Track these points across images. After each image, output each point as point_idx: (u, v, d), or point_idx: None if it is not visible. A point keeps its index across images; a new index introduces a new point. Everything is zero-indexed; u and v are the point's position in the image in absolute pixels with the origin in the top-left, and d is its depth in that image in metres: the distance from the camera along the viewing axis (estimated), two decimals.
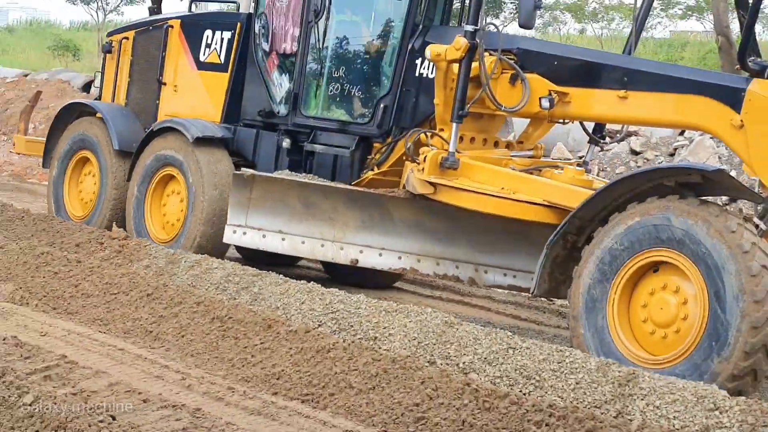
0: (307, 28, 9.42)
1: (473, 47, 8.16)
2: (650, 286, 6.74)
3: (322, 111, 9.50)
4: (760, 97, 7.02)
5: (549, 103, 8.20)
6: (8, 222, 10.59)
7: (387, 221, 8.80)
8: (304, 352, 6.51)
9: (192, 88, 10.34)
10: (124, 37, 11.16)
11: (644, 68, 8.00)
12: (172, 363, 6.41)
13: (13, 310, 7.42)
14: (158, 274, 8.70)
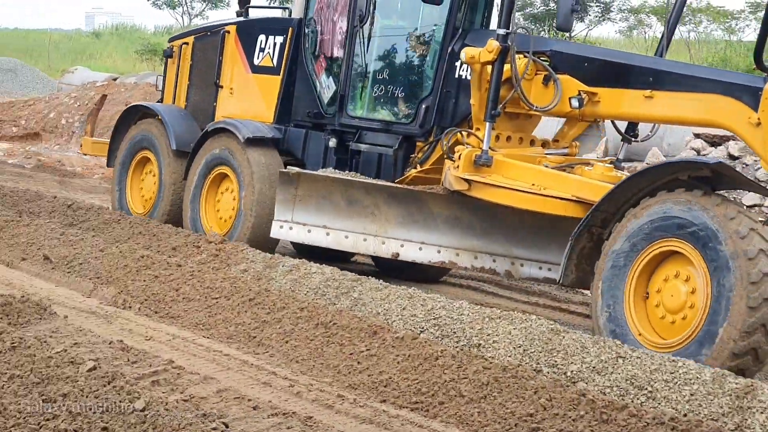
0: (353, 32, 9.78)
1: (505, 50, 8.48)
2: (664, 274, 7.15)
3: (367, 111, 9.88)
4: None
5: (578, 103, 8.50)
6: (105, 225, 10.63)
7: (426, 217, 9.12)
8: (412, 359, 6.39)
9: (247, 90, 10.75)
10: (184, 43, 11.59)
11: (668, 69, 8.31)
12: (279, 369, 6.33)
13: (116, 314, 7.42)
14: (257, 279, 8.65)
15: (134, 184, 11.51)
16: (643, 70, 8.37)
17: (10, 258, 9.09)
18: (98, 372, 5.44)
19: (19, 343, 5.80)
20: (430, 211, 9.17)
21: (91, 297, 7.98)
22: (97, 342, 6.38)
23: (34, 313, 6.88)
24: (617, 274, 7.33)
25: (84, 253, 9.16)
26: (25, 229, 10.04)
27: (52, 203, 11.55)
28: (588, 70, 8.64)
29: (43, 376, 5.40)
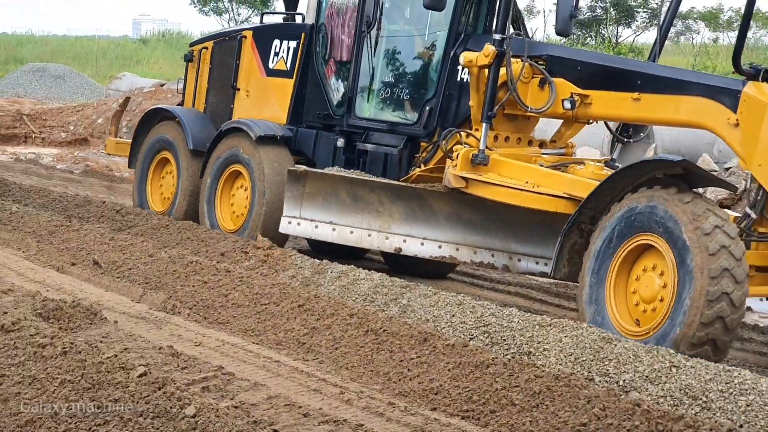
0: (361, 37, 10.25)
1: (501, 54, 8.95)
2: (643, 265, 7.53)
3: (374, 113, 10.35)
4: (753, 98, 7.67)
5: (571, 105, 8.94)
6: (154, 230, 10.66)
7: (428, 213, 9.55)
8: (463, 366, 6.33)
9: (262, 92, 11.26)
10: (204, 47, 12.07)
11: (654, 72, 8.67)
12: (329, 376, 6.29)
13: (166, 319, 7.41)
14: (305, 285, 8.63)
15: (154, 183, 11.96)
16: (631, 74, 8.75)
17: (60, 263, 9.12)
18: (149, 378, 5.43)
19: (70, 348, 5.81)
20: (432, 208, 9.56)
21: (140, 302, 7.98)
22: (147, 347, 6.37)
23: (84, 318, 6.88)
24: (601, 266, 7.70)
25: (133, 258, 9.19)
26: (74, 234, 10.10)
27: (101, 208, 11.60)
28: (581, 74, 9.04)
29: (94, 382, 5.40)
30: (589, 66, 9.12)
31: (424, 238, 9.53)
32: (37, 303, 7.01)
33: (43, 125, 24.51)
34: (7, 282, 7.83)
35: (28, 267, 8.88)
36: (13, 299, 7.14)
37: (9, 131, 24.20)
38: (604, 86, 8.90)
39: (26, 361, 5.76)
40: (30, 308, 6.87)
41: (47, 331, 6.15)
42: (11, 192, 12.97)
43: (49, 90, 33.25)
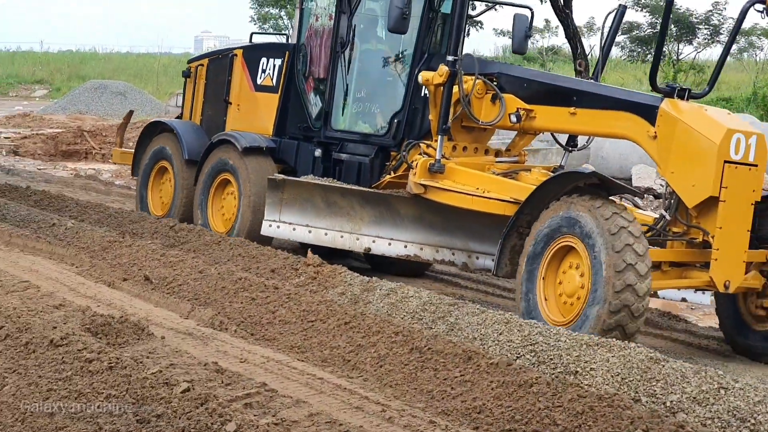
0: (336, 56, 11.20)
1: (453, 74, 9.92)
2: (568, 263, 8.40)
3: (348, 125, 11.30)
4: (668, 114, 8.59)
5: (516, 118, 9.86)
6: (205, 246, 10.74)
7: (395, 216, 10.45)
8: (506, 385, 6.30)
9: (251, 106, 12.21)
10: (200, 64, 13.13)
11: (588, 89, 9.61)
12: (372, 394, 6.29)
13: (212, 336, 7.46)
14: (354, 302, 8.65)
15: (155, 190, 12.97)
16: (568, 91, 9.66)
17: (112, 278, 9.22)
18: (192, 393, 5.47)
19: (116, 363, 5.88)
20: (398, 211, 10.47)
21: (188, 318, 8.03)
22: (192, 363, 6.41)
23: (132, 334, 6.95)
24: (533, 264, 8.54)
25: (183, 274, 9.27)
26: (127, 249, 10.21)
27: (155, 224, 11.72)
28: (527, 90, 9.95)
29: (138, 397, 5.46)
30: (534, 83, 10.02)
31: (391, 238, 10.44)
32: (86, 318, 7.10)
33: (104, 141, 24.81)
34: (59, 297, 7.93)
35: (80, 282, 8.99)
36: (63, 314, 7.24)
37: (70, 147, 24.55)
38: (547, 102, 9.80)
39: (73, 375, 5.84)
40: (79, 323, 6.96)
41: (95, 346, 6.23)
42: (68, 208, 13.16)
43: (110, 107, 33.67)
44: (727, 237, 8.30)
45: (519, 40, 11.25)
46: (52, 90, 50.52)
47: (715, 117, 8.56)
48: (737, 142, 8.27)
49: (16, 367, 6.07)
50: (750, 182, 8.38)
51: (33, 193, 14.51)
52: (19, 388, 5.76)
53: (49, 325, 6.65)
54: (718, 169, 8.21)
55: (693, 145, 8.40)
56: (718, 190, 8.23)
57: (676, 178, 8.51)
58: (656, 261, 8.37)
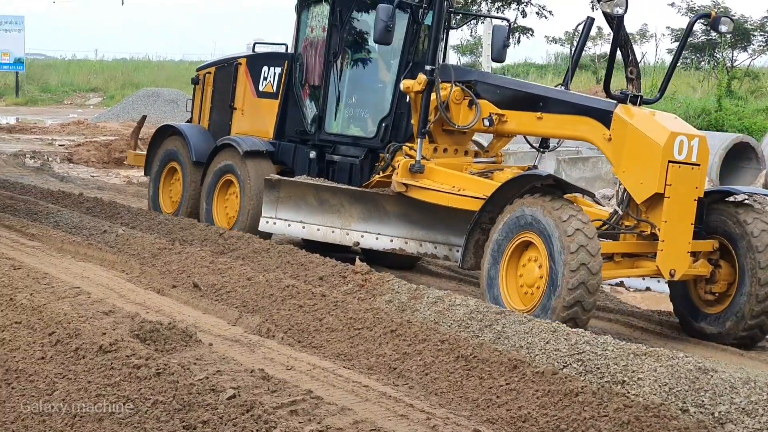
0: (329, 65, 12.00)
1: (431, 82, 10.78)
2: (528, 257, 9.10)
3: (340, 129, 12.12)
4: (621, 118, 9.39)
5: (489, 122, 10.66)
6: (254, 254, 10.80)
7: (381, 213, 11.19)
8: (551, 394, 6.29)
9: (254, 111, 13.03)
10: (207, 72, 14.01)
11: (553, 96, 10.34)
12: (417, 402, 6.30)
13: (259, 343, 7.51)
14: (401, 310, 8.67)
15: (165, 189, 13.90)
16: (536, 97, 10.44)
17: (161, 285, 9.31)
18: (237, 400, 5.51)
19: (164, 369, 5.93)
20: (384, 208, 11.19)
21: (236, 325, 8.09)
22: (239, 370, 6.45)
23: (180, 340, 7.01)
24: (496, 257, 9.27)
25: (232, 281, 9.34)
26: (176, 256, 10.30)
27: (205, 231, 11.81)
28: (500, 96, 10.76)
29: (185, 403, 5.51)
30: (506, 90, 10.82)
31: (379, 233, 11.20)
32: (135, 324, 7.17)
33: None
34: (108, 303, 8.02)
35: (130, 289, 9.08)
36: (113, 320, 7.32)
37: (123, 155, 24.77)
38: (517, 107, 10.59)
39: (121, 381, 5.90)
40: (128, 330, 7.03)
41: (143, 352, 6.28)
42: (120, 215, 13.30)
43: (162, 114, 33.95)
44: (672, 230, 9.10)
45: (498, 50, 12.22)
46: (105, 98, 51.10)
47: (661, 121, 9.33)
48: (680, 144, 9.07)
49: (66, 373, 6.15)
50: (693, 180, 9.16)
51: (86, 200, 14.69)
52: (69, 393, 5.83)
53: (98, 331, 6.73)
54: (662, 168, 9.02)
55: (641, 147, 9.20)
56: (663, 187, 9.04)
57: (626, 177, 9.33)
58: (610, 252, 9.24)
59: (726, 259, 9.51)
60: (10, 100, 50.94)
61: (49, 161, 24.02)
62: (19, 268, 9.03)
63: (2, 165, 22.72)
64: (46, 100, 50.75)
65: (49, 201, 14.65)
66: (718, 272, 9.52)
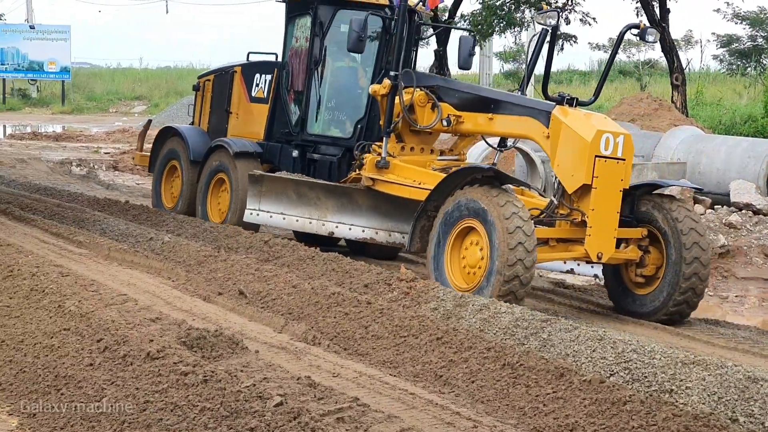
0: (310, 72, 13.07)
1: (395, 86, 11.91)
2: (470, 241, 10.01)
3: (320, 130, 13.22)
4: (557, 118, 10.32)
5: (447, 123, 11.70)
6: (299, 261, 10.83)
7: (353, 205, 12.15)
8: (599, 403, 6.25)
9: (247, 115, 14.15)
10: (207, 79, 15.20)
11: (502, 98, 11.41)
12: (463, 409, 6.28)
13: (306, 350, 7.52)
14: (446, 317, 8.65)
15: (166, 185, 15.08)
16: (488, 100, 11.44)
17: (207, 292, 9.35)
18: (284, 407, 5.52)
19: (211, 376, 5.96)
20: (357, 201, 12.14)
21: (282, 332, 8.11)
22: (285, 377, 6.46)
23: (226, 347, 7.03)
24: (441, 242, 10.19)
25: (277, 288, 9.36)
26: (222, 264, 10.34)
27: (250, 239, 11.85)
28: (458, 99, 11.79)
29: (232, 410, 5.53)
30: (464, 94, 11.86)
31: (352, 224, 12.14)
32: (182, 332, 7.20)
33: None
34: (155, 310, 8.06)
35: (177, 296, 9.13)
36: (160, 327, 7.35)
37: None
38: (472, 109, 11.59)
39: (169, 388, 5.93)
40: (175, 337, 7.06)
41: (190, 359, 6.32)
42: (165, 222, 13.38)
43: None
44: (599, 217, 10.02)
45: (464, 58, 13.12)
46: (150, 106, 51.49)
47: (591, 121, 10.24)
48: (606, 141, 9.98)
49: (115, 379, 6.19)
50: (618, 173, 10.06)
51: (131, 207, 14.81)
52: (117, 400, 5.87)
53: (146, 338, 6.77)
54: (590, 162, 9.94)
55: (572, 143, 10.15)
56: (591, 179, 9.97)
57: (560, 170, 10.27)
58: (545, 237, 10.21)
59: (654, 245, 10.37)
60: (57, 108, 51.48)
61: (94, 169, 24.25)
62: (67, 275, 9.10)
63: (49, 173, 22.96)
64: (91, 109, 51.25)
65: (95, 208, 14.78)
66: (647, 257, 10.38)
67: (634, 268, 10.48)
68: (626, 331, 9.02)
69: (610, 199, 10.04)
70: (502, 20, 27.37)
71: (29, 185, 18.76)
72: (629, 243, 10.38)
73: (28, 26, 55.94)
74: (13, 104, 53.30)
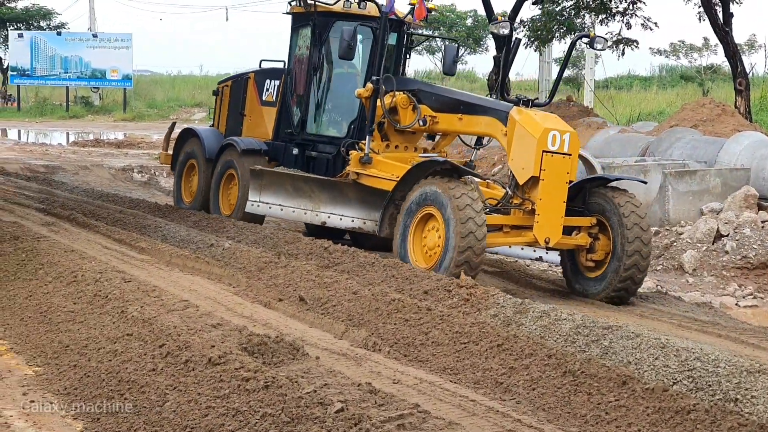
0: (310, 78, 14.31)
1: (376, 90, 13.07)
2: (430, 226, 11.21)
3: (318, 130, 14.45)
4: (512, 117, 11.51)
5: (423, 123, 12.99)
6: (359, 268, 10.84)
7: (344, 198, 13.20)
8: (662, 412, 6.18)
9: (259, 117, 15.32)
10: (225, 85, 16.44)
11: (470, 101, 12.67)
12: (525, 417, 6.25)
13: (366, 356, 7.52)
14: (506, 324, 8.61)
15: (186, 182, 16.28)
16: (458, 102, 12.73)
17: (268, 298, 9.39)
18: (345, 414, 5.52)
19: (272, 382, 5.98)
20: (346, 194, 13.19)
21: (342, 339, 8.12)
22: (346, 384, 6.47)
23: (287, 354, 7.06)
24: (406, 226, 11.40)
25: (338, 295, 9.37)
26: (282, 270, 10.38)
27: (310, 245, 11.88)
28: (434, 102, 13.04)
29: (293, 416, 5.54)
30: (439, 96, 13.13)
31: (342, 215, 13.17)
32: (243, 338, 7.24)
33: None
34: (216, 316, 8.10)
35: (237, 302, 9.18)
36: (221, 333, 7.39)
37: None
38: (445, 110, 12.85)
39: (230, 393, 5.96)
40: (236, 342, 7.10)
41: (251, 365, 6.34)
42: (225, 229, 13.46)
43: None
44: (546, 206, 11.06)
45: (448, 65, 14.52)
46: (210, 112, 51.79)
47: (540, 120, 11.30)
48: (553, 138, 11.03)
49: (177, 384, 6.23)
50: (564, 167, 11.12)
51: (192, 213, 14.92)
52: (180, 405, 5.91)
53: (207, 343, 6.81)
54: (538, 156, 11.02)
55: (523, 140, 11.26)
56: (539, 171, 11.03)
57: (514, 164, 11.39)
58: (500, 224, 11.45)
59: (604, 233, 11.48)
60: (119, 115, 52.01)
61: (156, 175, 24.45)
62: (129, 281, 9.18)
63: (111, 179, 23.21)
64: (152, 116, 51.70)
65: (156, 215, 14.92)
66: (596, 244, 11.51)
67: (585, 254, 11.58)
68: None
69: (557, 190, 11.09)
70: (562, 26, 27.26)
71: (92, 192, 18.99)
72: (580, 230, 11.56)
73: (91, 35, 56.54)
74: (76, 112, 53.94)
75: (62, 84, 55.28)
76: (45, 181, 21.16)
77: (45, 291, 9.16)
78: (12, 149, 30.43)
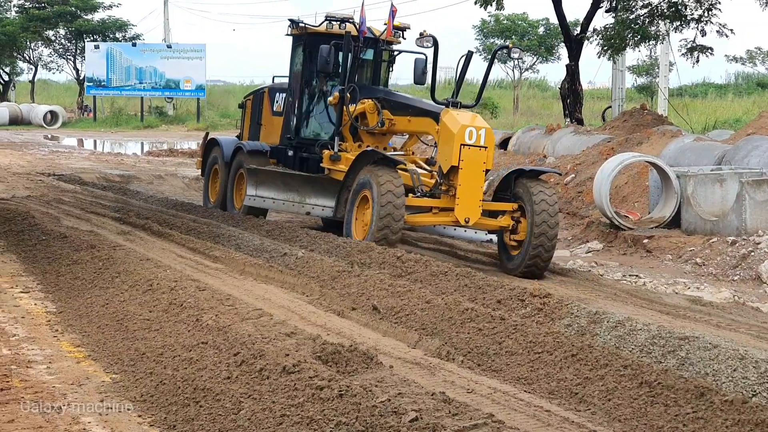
0: (302, 89, 16.70)
1: (342, 98, 15.51)
2: (365, 207, 13.41)
3: (309, 135, 16.70)
4: (441, 117, 13.61)
5: (381, 124, 15.15)
6: (432, 277, 10.81)
7: (325, 191, 15.47)
8: (741, 424, 6.08)
9: (270, 126, 17.66)
10: (248, 99, 18.94)
11: (414, 104, 15.00)
12: (600, 428, 6.19)
13: (439, 366, 7.50)
14: (580, 334, 8.54)
15: (212, 184, 18.32)
16: (407, 106, 15.03)
17: (341, 307, 9.41)
18: (419, 423, 5.51)
19: (346, 391, 5.98)
20: (326, 187, 15.39)
21: (415, 348, 8.11)
22: (420, 393, 6.45)
23: (361, 362, 7.07)
24: (351, 208, 13.66)
25: (411, 304, 9.36)
26: (355, 279, 10.39)
27: (383, 254, 11.86)
28: (392, 106, 15.22)
29: (367, 425, 5.54)
30: (395, 102, 15.29)
31: (324, 206, 15.52)
32: (317, 346, 7.26)
33: None
34: (290, 325, 8.14)
35: (311, 311, 9.21)
36: (295, 342, 7.43)
37: None
38: (400, 114, 15.05)
39: (305, 402, 5.98)
40: (310, 351, 7.12)
41: (325, 373, 6.36)
42: (298, 238, 13.52)
43: None
44: (465, 191, 13.17)
45: (418, 75, 16.68)
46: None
47: (460, 118, 13.33)
48: (470, 133, 13.13)
49: (251, 392, 6.27)
50: (480, 158, 13.19)
51: (265, 223, 15.04)
52: (254, 413, 5.94)
53: (281, 352, 6.84)
54: (457, 149, 13.13)
55: (446, 135, 13.40)
56: (458, 161, 13.14)
57: (440, 156, 13.57)
58: (430, 206, 13.61)
59: (525, 217, 13.41)
60: (192, 125, 52.53)
61: None
62: (203, 290, 9.26)
63: (185, 189, 23.45)
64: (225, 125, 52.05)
65: (230, 224, 15.04)
66: (518, 226, 13.53)
67: (509, 234, 13.60)
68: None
69: (474, 177, 13.20)
70: (636, 34, 27.00)
71: (166, 201, 19.22)
72: (505, 214, 13.63)
73: (166, 46, 57.28)
74: (151, 122, 54.61)
75: (137, 94, 56.12)
76: (120, 190, 21.46)
77: (121, 299, 9.28)
78: (88, 159, 30.91)
